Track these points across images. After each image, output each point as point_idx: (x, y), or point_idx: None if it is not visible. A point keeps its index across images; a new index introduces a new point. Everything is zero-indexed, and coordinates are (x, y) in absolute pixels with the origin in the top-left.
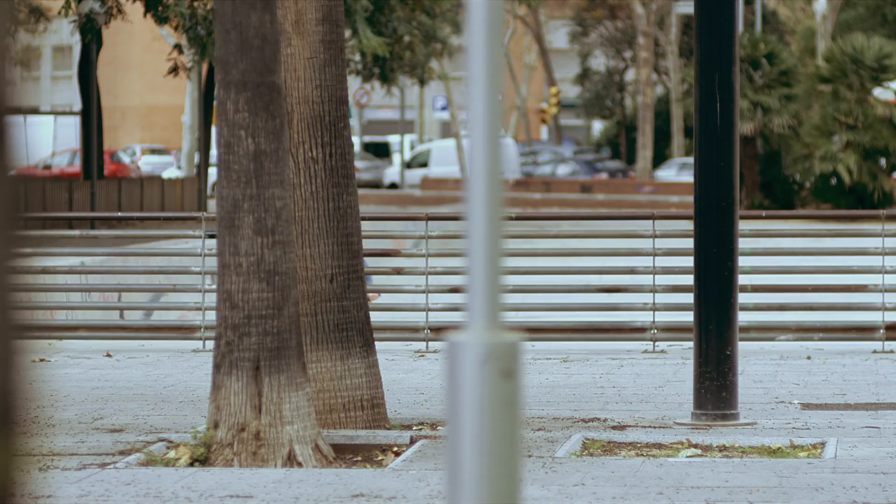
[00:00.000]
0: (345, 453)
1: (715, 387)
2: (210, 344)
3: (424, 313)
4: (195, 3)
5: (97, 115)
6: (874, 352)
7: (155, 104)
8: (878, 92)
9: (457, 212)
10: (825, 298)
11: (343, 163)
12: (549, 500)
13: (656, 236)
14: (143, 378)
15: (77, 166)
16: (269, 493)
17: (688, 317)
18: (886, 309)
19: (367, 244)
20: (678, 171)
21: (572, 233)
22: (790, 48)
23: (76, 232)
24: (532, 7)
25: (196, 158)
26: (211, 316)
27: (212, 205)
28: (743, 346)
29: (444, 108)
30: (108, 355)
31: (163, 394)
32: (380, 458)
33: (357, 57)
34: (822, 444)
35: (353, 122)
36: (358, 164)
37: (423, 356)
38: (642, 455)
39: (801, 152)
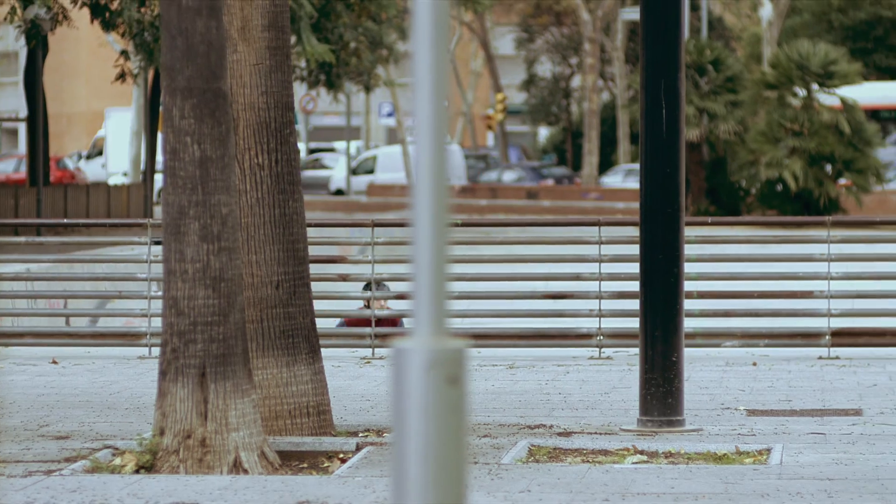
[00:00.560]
0: (291, 460)
1: (661, 393)
2: (156, 350)
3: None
4: (142, 10)
5: (43, 122)
6: (820, 358)
7: (101, 110)
8: (823, 98)
9: (403, 218)
10: (771, 304)
11: (289, 169)
12: None
13: (602, 242)
14: (88, 385)
15: (23, 172)
16: (214, 500)
17: (634, 323)
18: (832, 315)
19: (314, 250)
20: (624, 178)
21: (518, 239)
22: (736, 54)
23: (22, 238)
24: (478, 13)
25: (142, 164)
26: (157, 322)
27: (158, 211)
28: (689, 353)
29: (390, 115)
30: (54, 362)
31: (109, 401)
32: (326, 464)
33: (303, 63)
34: (768, 451)
35: (300, 129)
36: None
37: (369, 363)
38: (588, 461)
39: (747, 158)
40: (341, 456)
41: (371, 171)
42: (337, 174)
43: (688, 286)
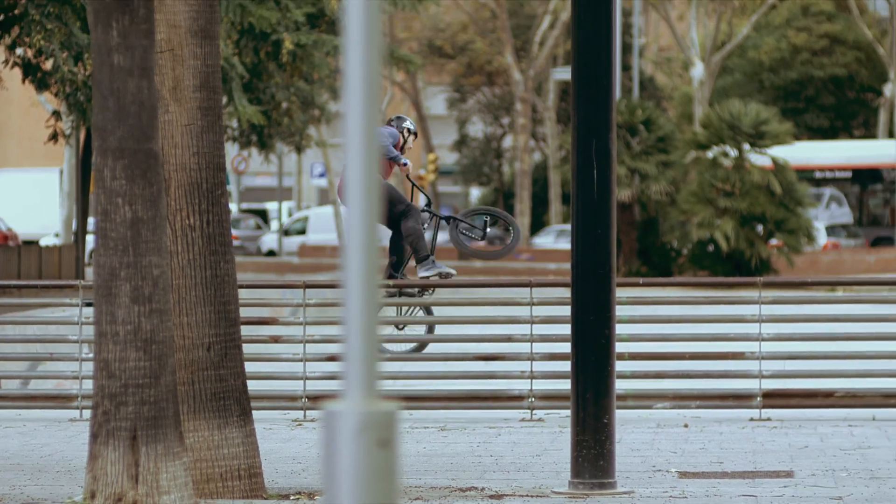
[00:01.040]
0: None
1: (592, 455)
2: (87, 413)
3: (302, 382)
4: (76, 68)
5: None
6: (751, 419)
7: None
8: (755, 158)
9: (334, 279)
10: (702, 366)
11: (220, 230)
12: None
13: (534, 304)
14: (19, 447)
15: None
16: None
17: (566, 384)
18: (763, 376)
19: (245, 312)
20: (556, 238)
21: (450, 300)
22: (668, 114)
23: None
24: (410, 73)
25: (74, 225)
26: (88, 385)
27: (90, 272)
28: (620, 414)
29: (322, 175)
30: None
31: (40, 463)
32: None
33: (235, 123)
34: None
35: (231, 189)
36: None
37: (300, 425)
38: None
39: (679, 219)
40: None
41: (303, 232)
42: (268, 235)
43: (619, 347)
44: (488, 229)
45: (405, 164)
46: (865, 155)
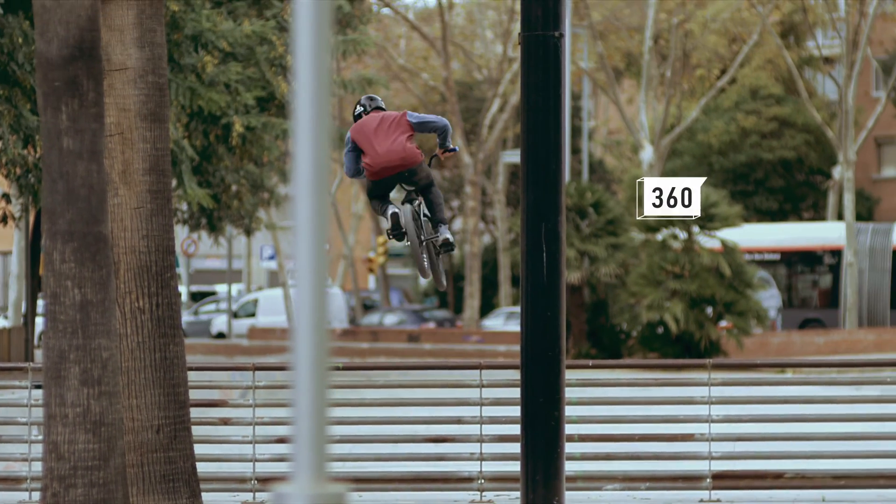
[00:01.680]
0: None
1: None
2: (36, 495)
3: (251, 464)
4: (25, 152)
5: None
6: (701, 501)
7: None
8: (704, 240)
9: (284, 362)
10: (652, 448)
11: (170, 313)
12: None
13: (483, 386)
14: None
15: None
16: None
17: (515, 466)
18: (713, 458)
19: (195, 394)
20: (505, 321)
21: (400, 382)
22: (617, 197)
23: None
24: None
25: (23, 308)
26: (37, 467)
27: (39, 354)
28: (570, 496)
29: (271, 258)
30: None
31: None
32: None
33: (184, 206)
34: None
35: (181, 272)
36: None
37: None
38: None
39: (628, 301)
40: None
41: (252, 315)
42: (218, 317)
43: (569, 429)
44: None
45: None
46: (792, 238)
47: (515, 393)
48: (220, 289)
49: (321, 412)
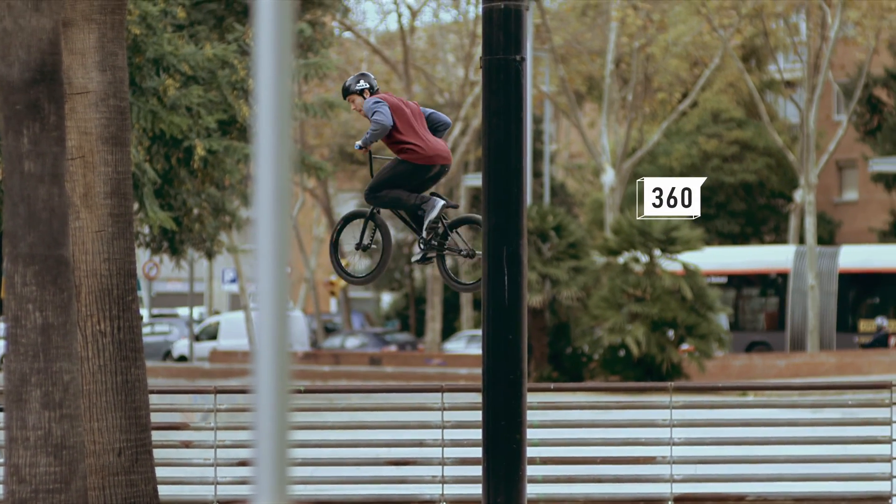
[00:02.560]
0: None
1: None
2: None
3: (213, 487)
4: None
5: None
6: None
7: None
8: (666, 263)
9: (245, 385)
10: (614, 470)
11: (131, 336)
12: None
13: (445, 409)
14: None
15: None
16: None
17: (477, 489)
18: (674, 480)
19: (156, 417)
20: (467, 344)
21: (361, 405)
22: (579, 220)
23: None
24: (321, 179)
25: None
26: None
27: (0, 378)
28: None
29: (233, 281)
30: None
31: None
32: None
33: (146, 229)
34: None
35: (142, 295)
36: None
37: None
38: None
39: (590, 324)
40: None
41: (214, 337)
42: (180, 341)
43: (531, 452)
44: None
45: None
46: (739, 261)
47: (477, 416)
48: (182, 312)
49: (283, 435)
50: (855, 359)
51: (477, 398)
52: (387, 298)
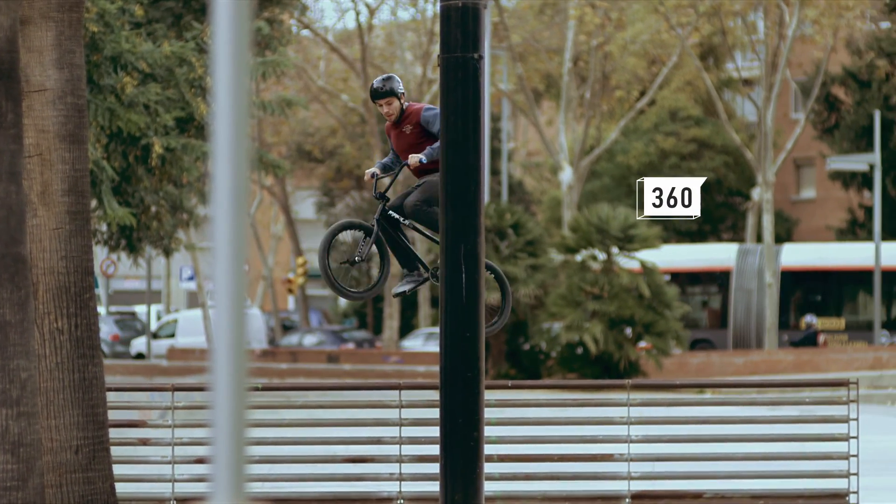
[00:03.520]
0: None
1: None
2: None
3: (171, 484)
4: None
5: None
6: None
7: None
8: (623, 261)
9: (203, 382)
10: (571, 468)
11: (89, 334)
12: None
13: (403, 406)
14: None
15: None
16: None
17: (435, 487)
18: (632, 478)
19: (113, 415)
20: (425, 341)
21: (319, 403)
22: (536, 218)
23: None
24: (279, 177)
25: None
26: None
27: None
28: None
29: (190, 279)
30: None
31: None
32: None
33: (104, 227)
34: None
35: (100, 293)
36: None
37: None
38: None
39: (548, 322)
40: None
41: (172, 335)
42: (137, 338)
43: (488, 450)
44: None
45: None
46: (683, 259)
47: (435, 413)
48: (140, 309)
49: (240, 433)
50: (813, 356)
51: (434, 395)
52: None
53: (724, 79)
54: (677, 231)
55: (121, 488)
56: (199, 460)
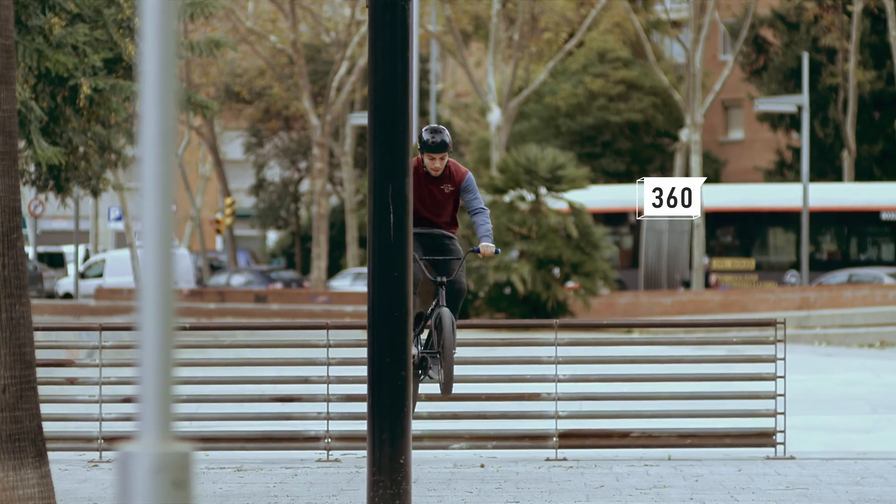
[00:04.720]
0: None
1: (389, 495)
2: None
3: (98, 423)
4: None
5: None
6: (547, 459)
7: None
8: (552, 202)
9: (131, 322)
10: (499, 407)
11: (16, 273)
12: None
13: (330, 346)
14: None
15: None
16: None
17: (362, 426)
18: (559, 417)
19: (41, 354)
20: (353, 281)
21: (247, 342)
22: (465, 159)
23: None
24: (207, 118)
25: None
26: None
27: None
28: (417, 455)
29: (118, 219)
30: None
31: None
32: None
33: (32, 167)
34: None
35: (28, 233)
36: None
37: (96, 466)
38: None
39: (476, 261)
40: None
41: (100, 275)
42: (65, 278)
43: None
44: None
45: None
46: (597, 199)
47: (362, 353)
48: (67, 249)
49: (167, 372)
50: (740, 296)
51: (362, 335)
52: (273, 236)
53: (652, 20)
54: (605, 172)
55: (48, 427)
56: (127, 399)
